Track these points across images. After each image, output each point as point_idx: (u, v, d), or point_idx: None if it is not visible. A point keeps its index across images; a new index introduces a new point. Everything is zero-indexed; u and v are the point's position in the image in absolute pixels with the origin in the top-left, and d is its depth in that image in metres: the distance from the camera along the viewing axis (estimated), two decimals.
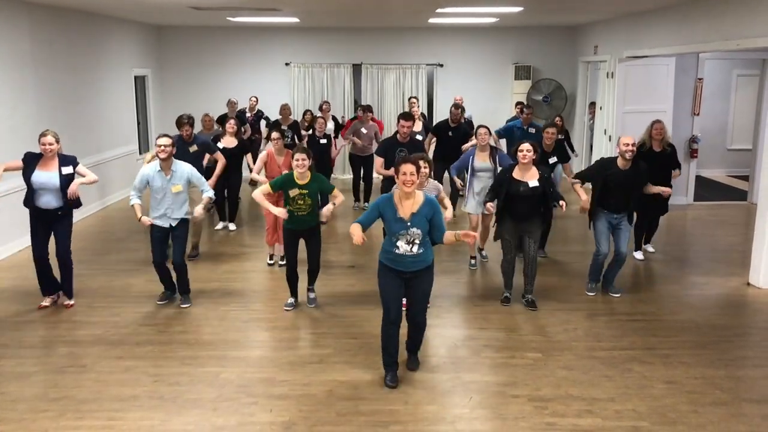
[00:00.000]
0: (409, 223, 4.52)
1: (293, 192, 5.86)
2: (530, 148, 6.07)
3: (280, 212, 5.97)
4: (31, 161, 5.93)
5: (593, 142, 12.07)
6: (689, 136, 10.83)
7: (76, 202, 6.11)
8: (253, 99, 11.74)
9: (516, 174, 6.14)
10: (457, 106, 9.70)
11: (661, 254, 8.10)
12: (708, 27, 8.12)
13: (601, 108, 11.51)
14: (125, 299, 6.50)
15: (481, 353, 5.32)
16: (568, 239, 8.68)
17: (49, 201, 5.93)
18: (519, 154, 6.10)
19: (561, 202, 6.18)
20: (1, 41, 7.90)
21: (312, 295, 6.39)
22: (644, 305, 6.39)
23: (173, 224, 6.18)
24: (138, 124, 12.30)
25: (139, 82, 12.46)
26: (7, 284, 6.95)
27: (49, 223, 6.05)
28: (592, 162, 11.86)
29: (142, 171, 6.16)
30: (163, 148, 5.99)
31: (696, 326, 5.88)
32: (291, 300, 6.31)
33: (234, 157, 8.86)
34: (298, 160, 5.79)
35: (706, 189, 12.01)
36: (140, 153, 12.25)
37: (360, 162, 10.45)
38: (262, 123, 11.69)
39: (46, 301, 6.28)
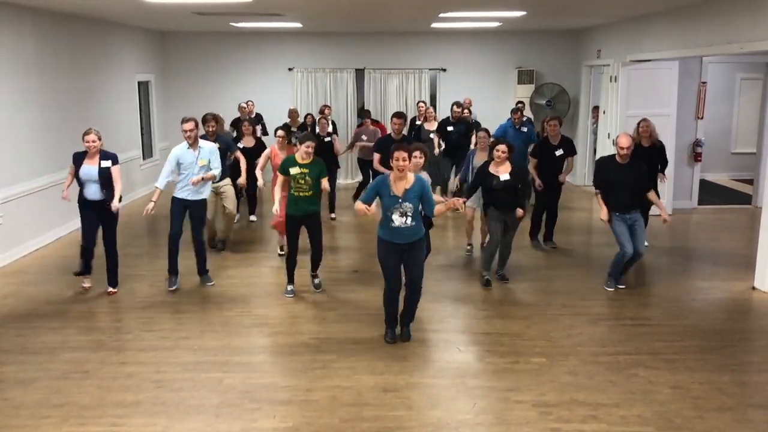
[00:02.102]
0: (401, 199, 5.18)
1: (294, 170, 6.34)
2: (505, 149, 6.80)
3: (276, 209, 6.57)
4: (79, 159, 6.50)
5: (596, 146, 12.06)
6: (693, 139, 10.81)
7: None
8: (250, 103, 11.93)
9: (491, 168, 6.86)
10: (458, 104, 10.34)
11: (666, 258, 8.07)
12: (711, 30, 8.11)
13: (604, 112, 11.50)
14: (128, 304, 6.50)
15: (484, 358, 5.30)
16: (572, 243, 8.65)
17: (94, 192, 6.46)
18: (495, 153, 6.81)
19: (519, 211, 6.84)
20: (5, 47, 7.93)
21: (317, 281, 6.84)
22: (649, 310, 6.37)
23: (195, 198, 6.78)
24: (141, 129, 12.32)
25: (143, 88, 12.49)
26: (10, 290, 6.95)
27: (97, 214, 6.55)
28: (596, 164, 11.92)
29: (173, 151, 6.78)
30: (189, 133, 6.66)
31: (701, 331, 5.85)
32: (290, 287, 6.74)
33: (253, 154, 9.34)
34: (309, 147, 6.35)
35: (710, 193, 11.98)
36: (143, 158, 12.27)
37: (368, 165, 10.66)
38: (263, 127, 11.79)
39: (88, 283, 6.85)
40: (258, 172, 7.92)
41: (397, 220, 5.22)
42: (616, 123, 10.56)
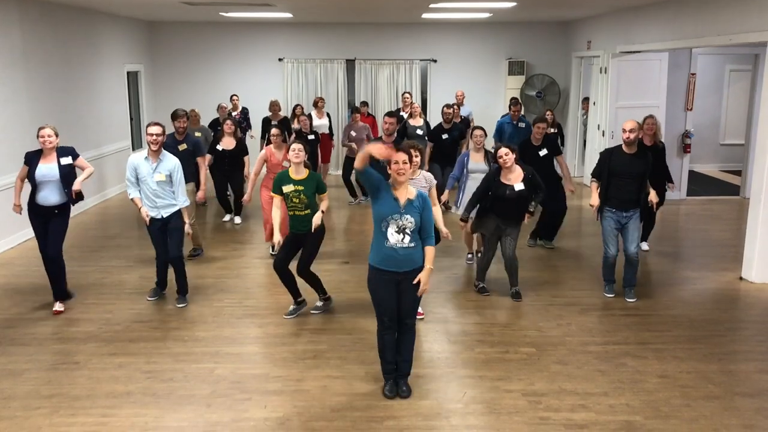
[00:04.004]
0: (403, 210, 4.28)
1: (287, 188, 5.67)
2: (507, 151, 6.12)
3: (277, 239, 5.72)
4: (33, 159, 5.88)
5: (587, 137, 12.09)
6: (682, 131, 10.87)
7: (79, 196, 6.03)
8: (235, 97, 11.57)
9: (502, 177, 6.20)
10: (449, 106, 9.72)
11: (655, 249, 8.11)
12: (701, 22, 8.14)
13: (594, 103, 11.53)
14: (118, 296, 6.48)
15: (475, 348, 5.32)
16: (562, 234, 8.68)
17: (47, 196, 5.86)
18: (499, 160, 6.14)
19: (526, 216, 6.29)
20: None
21: (319, 303, 6.09)
22: (637, 300, 6.40)
23: (164, 215, 6.03)
24: (131, 119, 12.26)
25: (132, 78, 12.41)
26: None
27: (46, 221, 5.96)
28: (585, 156, 11.97)
29: (129, 160, 6.04)
30: (154, 137, 5.88)
31: (689, 321, 5.90)
32: (293, 307, 6.00)
33: (234, 158, 9.00)
34: (294, 150, 5.70)
35: (698, 184, 12.05)
36: (133, 149, 12.20)
37: (353, 163, 10.45)
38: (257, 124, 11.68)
39: (61, 307, 6.09)
40: (251, 178, 7.42)
41: (393, 236, 4.28)
42: (606, 114, 10.60)
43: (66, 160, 5.91)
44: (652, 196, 6.35)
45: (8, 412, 4.34)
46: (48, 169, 5.84)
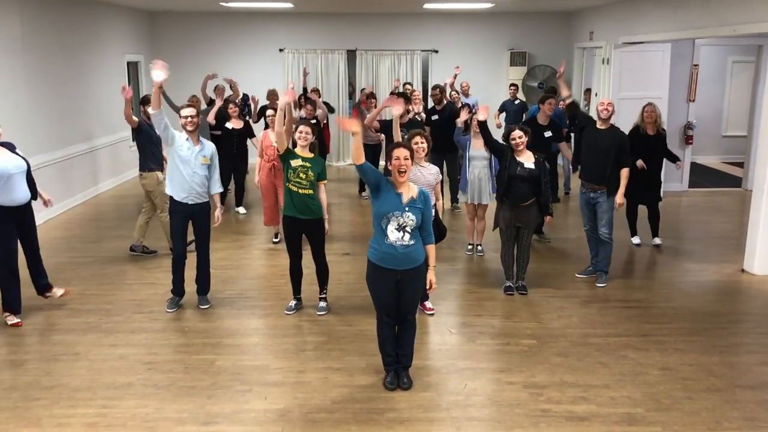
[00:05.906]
0: (405, 207, 4.20)
1: (295, 162, 5.42)
2: (521, 134, 6.03)
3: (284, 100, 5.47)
4: None
5: None
6: (684, 122, 10.83)
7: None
8: (236, 85, 11.35)
9: (516, 155, 6.10)
10: (435, 87, 9.44)
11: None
12: (704, 13, 8.08)
13: (596, 94, 11.47)
14: (119, 287, 6.47)
15: (476, 340, 5.32)
16: (563, 225, 8.67)
17: (20, 193, 5.39)
18: (512, 143, 6.05)
19: (546, 218, 6.28)
20: None
21: (323, 304, 5.87)
22: (639, 292, 6.40)
23: (199, 201, 5.68)
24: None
25: (132, 69, 12.36)
26: None
27: (17, 220, 5.49)
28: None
29: (176, 132, 5.72)
30: (190, 119, 5.64)
31: (690, 313, 5.89)
32: (292, 303, 5.88)
33: (241, 138, 9.07)
34: (301, 132, 5.48)
35: (700, 175, 12.02)
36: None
37: (367, 151, 10.28)
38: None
39: (18, 318, 5.59)
40: (258, 161, 7.45)
41: (393, 234, 4.19)
42: None
43: (21, 153, 5.52)
44: (622, 176, 6.31)
45: (9, 402, 4.33)
46: (12, 161, 5.34)
